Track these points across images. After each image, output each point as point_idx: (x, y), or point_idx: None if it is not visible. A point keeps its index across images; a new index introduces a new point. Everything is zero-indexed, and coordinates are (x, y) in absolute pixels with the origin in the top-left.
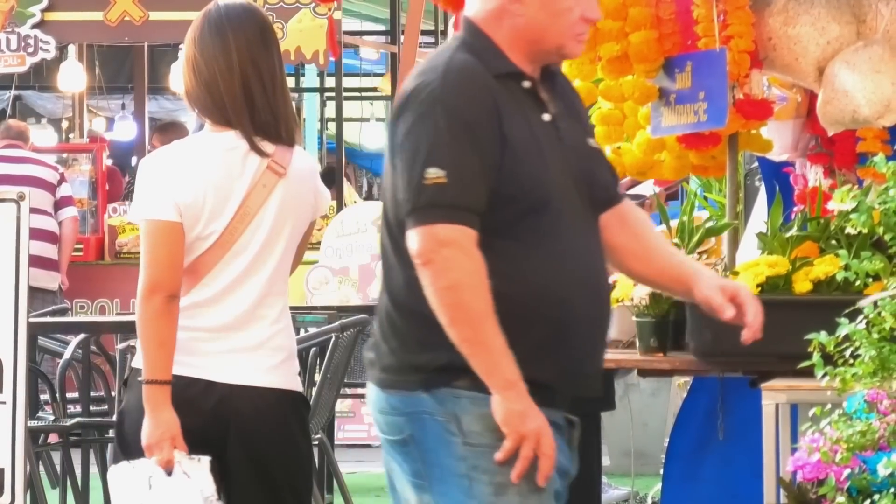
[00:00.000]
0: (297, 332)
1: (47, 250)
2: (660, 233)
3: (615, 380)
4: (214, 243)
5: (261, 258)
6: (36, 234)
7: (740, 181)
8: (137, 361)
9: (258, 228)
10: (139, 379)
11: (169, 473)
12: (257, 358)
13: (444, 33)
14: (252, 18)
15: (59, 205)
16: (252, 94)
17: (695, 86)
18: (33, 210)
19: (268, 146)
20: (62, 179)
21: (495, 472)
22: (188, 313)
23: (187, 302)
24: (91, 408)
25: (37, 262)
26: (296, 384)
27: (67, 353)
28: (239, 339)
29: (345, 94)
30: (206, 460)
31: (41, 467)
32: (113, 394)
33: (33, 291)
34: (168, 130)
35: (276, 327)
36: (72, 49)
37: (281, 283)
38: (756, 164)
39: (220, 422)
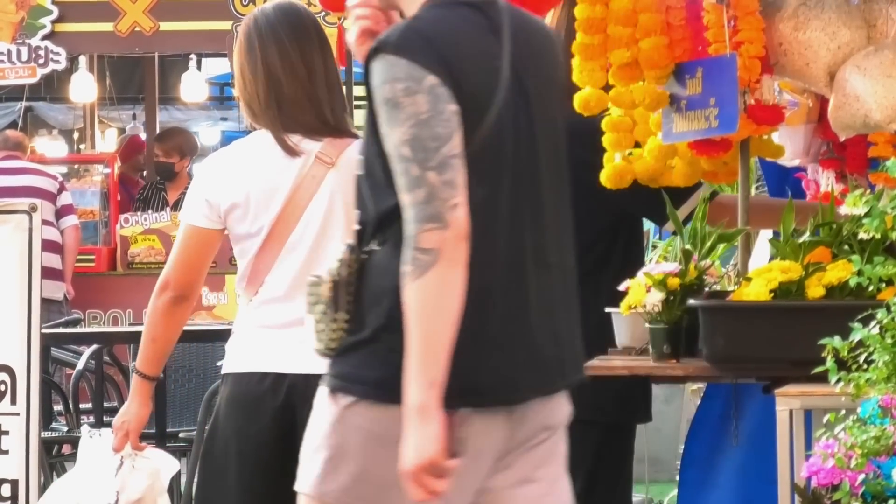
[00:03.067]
0: None
1: (51, 260)
2: None
3: None
4: (266, 239)
5: (319, 252)
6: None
7: (752, 187)
8: (227, 366)
9: (310, 221)
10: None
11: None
12: None
13: None
14: (283, 16)
15: (60, 213)
16: (280, 94)
17: (705, 92)
18: None
19: (308, 143)
20: (62, 188)
21: None
22: (258, 311)
23: (257, 301)
24: (104, 418)
25: (42, 272)
26: None
27: (80, 364)
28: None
29: (355, 102)
30: (149, 463)
31: (55, 478)
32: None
33: (46, 303)
34: (167, 138)
35: None
36: (82, 60)
37: None
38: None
39: (289, 413)
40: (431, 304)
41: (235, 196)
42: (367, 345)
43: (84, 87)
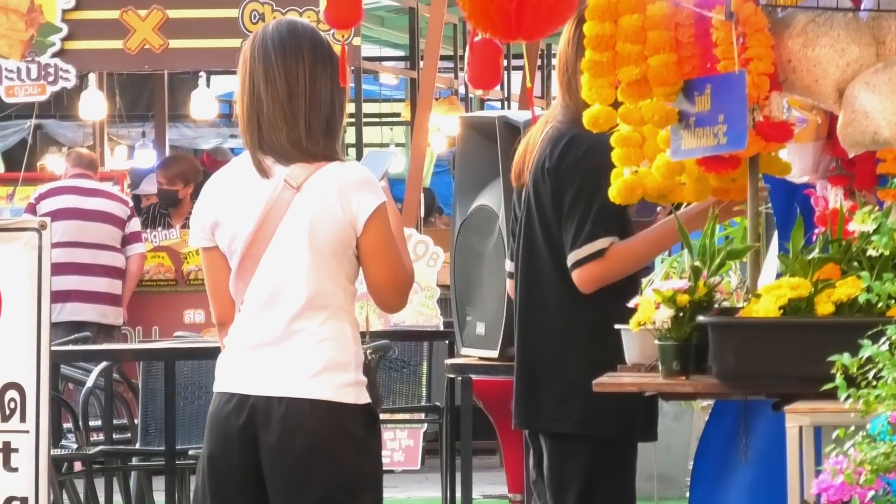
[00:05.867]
0: None
1: (115, 287)
2: None
3: None
4: (241, 259)
5: (287, 274)
6: (105, 270)
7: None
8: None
9: (279, 243)
10: None
11: None
12: (289, 370)
13: (463, 58)
14: (276, 34)
15: (128, 240)
16: (261, 113)
17: (714, 108)
18: (101, 247)
19: (279, 167)
20: (132, 214)
21: None
22: (234, 330)
23: (237, 320)
24: (114, 436)
25: (109, 299)
26: (341, 395)
27: (90, 382)
28: (273, 354)
29: (364, 119)
30: None
31: (65, 496)
32: (136, 421)
33: (106, 329)
34: (170, 165)
35: (314, 338)
36: (92, 77)
37: (324, 298)
38: None
39: (251, 434)
40: None
41: (217, 214)
42: None
43: (94, 105)
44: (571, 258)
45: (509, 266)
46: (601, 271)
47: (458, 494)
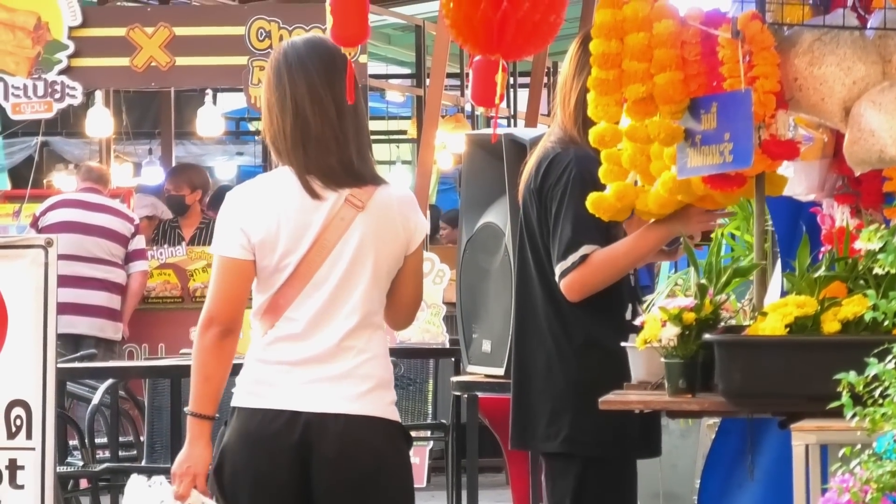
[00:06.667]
0: None
1: (114, 301)
2: None
3: None
4: (291, 276)
5: (343, 291)
6: (103, 285)
7: (768, 221)
8: (238, 399)
9: (337, 261)
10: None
11: None
12: (343, 387)
13: (469, 76)
14: (313, 50)
15: (131, 258)
16: (307, 133)
17: (720, 127)
18: (101, 261)
19: (328, 191)
20: (137, 231)
21: None
22: (273, 347)
23: (272, 336)
24: (120, 453)
25: (107, 313)
26: (389, 412)
27: (96, 399)
28: (323, 370)
29: (371, 137)
30: None
31: None
32: (142, 438)
33: (106, 343)
34: (177, 172)
35: (363, 356)
36: (98, 95)
37: (373, 316)
38: None
39: (305, 451)
40: None
41: (267, 230)
42: None
43: (100, 122)
44: (558, 270)
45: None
46: (582, 278)
47: None
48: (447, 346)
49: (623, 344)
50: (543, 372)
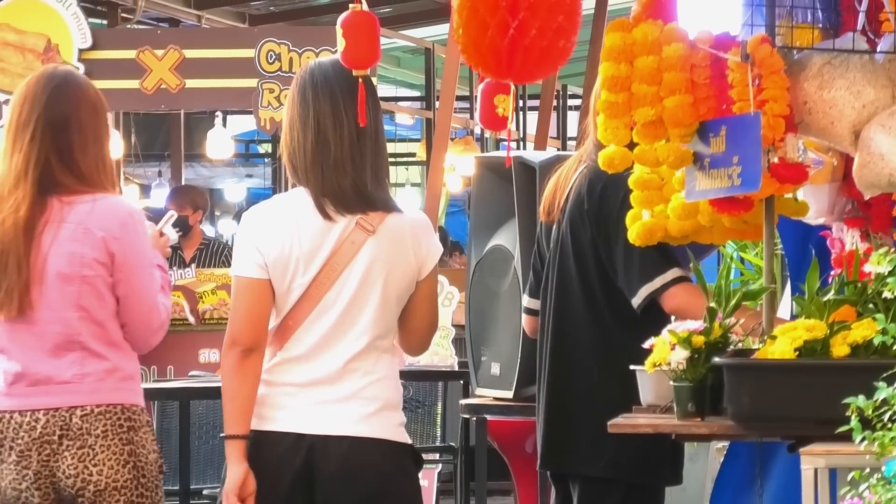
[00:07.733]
0: None
1: None
2: None
3: None
4: (301, 298)
5: (351, 314)
6: None
7: (778, 245)
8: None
9: (346, 284)
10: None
11: None
12: (348, 408)
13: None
14: (340, 73)
15: None
16: (326, 155)
17: (729, 150)
18: None
19: (339, 216)
20: None
21: None
22: (279, 368)
23: (280, 358)
24: None
25: None
26: (396, 434)
27: None
28: (329, 392)
29: None
30: None
31: None
32: None
33: None
34: (179, 193)
35: (370, 378)
36: (108, 117)
37: (381, 340)
38: None
39: (309, 473)
40: None
41: (281, 250)
42: None
43: (110, 144)
44: (643, 292)
45: (526, 301)
46: (687, 294)
47: None
48: (456, 368)
49: (632, 367)
50: (585, 393)
